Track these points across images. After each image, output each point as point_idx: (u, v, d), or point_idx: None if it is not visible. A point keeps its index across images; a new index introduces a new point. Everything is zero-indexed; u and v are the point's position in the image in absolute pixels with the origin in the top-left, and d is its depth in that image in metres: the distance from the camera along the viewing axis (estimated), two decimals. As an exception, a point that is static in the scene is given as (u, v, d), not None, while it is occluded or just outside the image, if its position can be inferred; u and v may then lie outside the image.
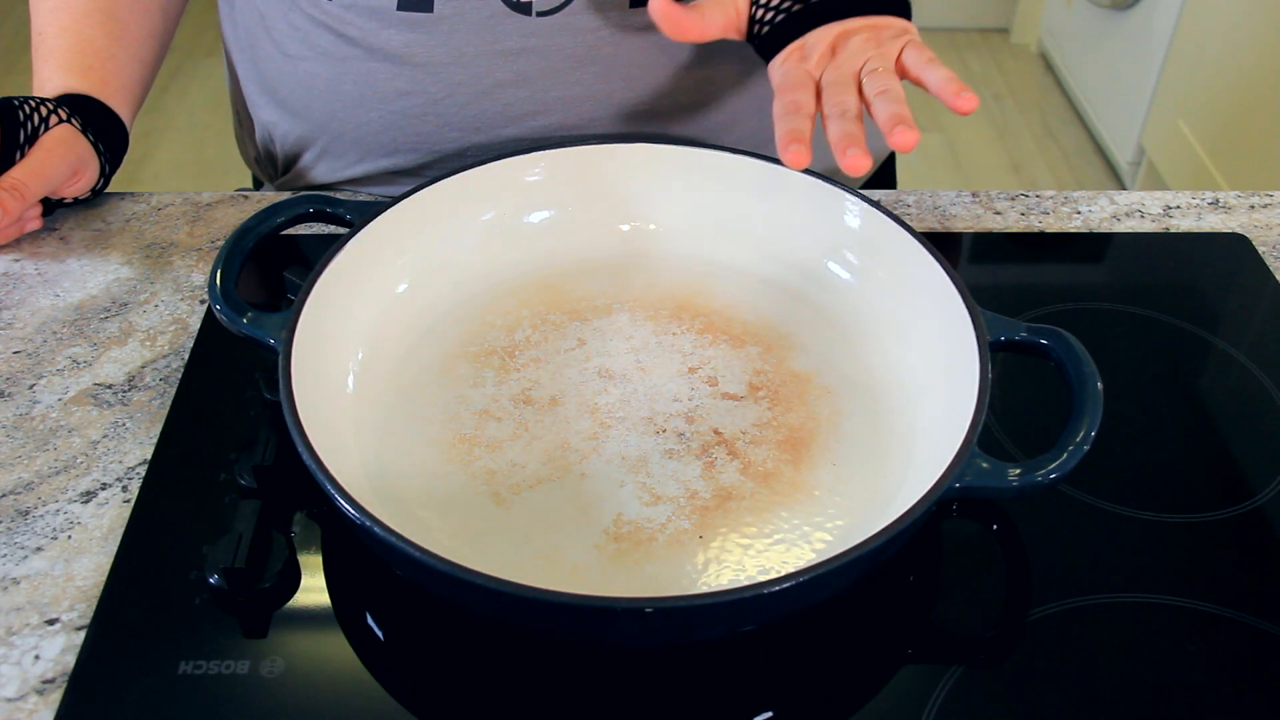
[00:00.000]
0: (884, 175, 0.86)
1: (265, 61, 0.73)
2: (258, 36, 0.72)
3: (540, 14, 0.65)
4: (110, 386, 0.58)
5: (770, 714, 0.45)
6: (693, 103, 0.70)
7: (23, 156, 0.63)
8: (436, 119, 0.69)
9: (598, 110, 0.69)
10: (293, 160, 0.76)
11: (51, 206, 0.67)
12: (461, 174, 0.59)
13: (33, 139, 0.64)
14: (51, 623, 0.47)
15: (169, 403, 0.57)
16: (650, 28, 0.67)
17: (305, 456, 0.44)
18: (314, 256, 0.53)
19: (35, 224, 0.67)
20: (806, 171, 0.60)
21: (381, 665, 0.46)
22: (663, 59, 0.68)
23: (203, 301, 0.63)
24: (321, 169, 0.74)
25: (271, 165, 0.78)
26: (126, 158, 0.70)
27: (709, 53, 0.69)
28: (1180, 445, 0.57)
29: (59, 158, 0.64)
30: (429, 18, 0.65)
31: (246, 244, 0.54)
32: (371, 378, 0.54)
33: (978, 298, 0.52)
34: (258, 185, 0.85)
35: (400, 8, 0.65)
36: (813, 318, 0.59)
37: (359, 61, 0.68)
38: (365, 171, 0.73)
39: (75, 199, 0.68)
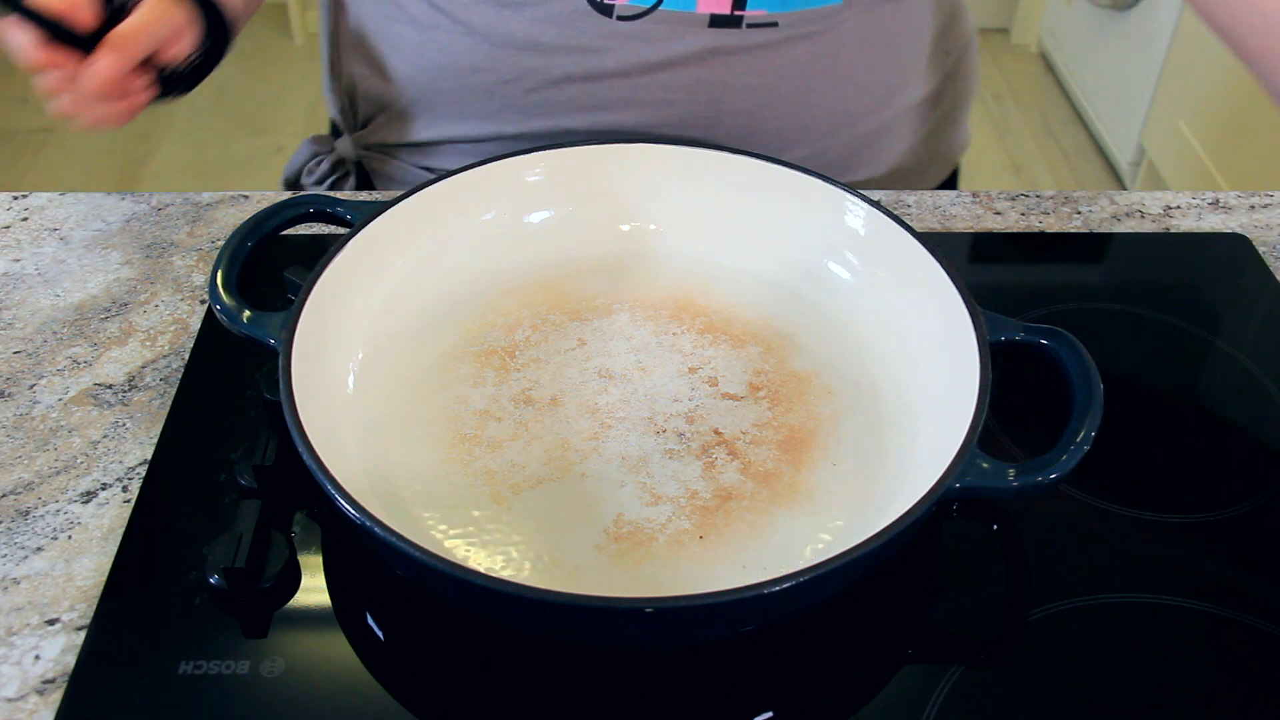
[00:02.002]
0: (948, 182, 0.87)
1: (364, 17, 0.75)
2: None
3: (621, 18, 0.66)
4: (110, 386, 0.58)
5: (770, 714, 0.45)
6: (752, 121, 0.71)
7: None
8: (502, 99, 0.71)
9: (656, 116, 0.70)
10: (370, 117, 0.79)
11: (168, 85, 0.63)
12: (461, 174, 0.59)
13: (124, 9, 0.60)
14: (52, 623, 0.47)
15: (169, 403, 0.56)
16: (723, 49, 0.68)
17: (305, 456, 0.44)
18: (314, 257, 0.53)
19: (145, 96, 0.62)
20: (807, 171, 0.60)
21: (382, 665, 0.46)
22: (729, 77, 0.69)
23: (203, 301, 0.63)
24: (392, 130, 0.77)
25: (353, 117, 0.81)
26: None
27: (774, 70, 0.70)
28: (1180, 445, 0.57)
29: (156, 15, 0.60)
30: (516, 1, 0.67)
31: (247, 244, 0.54)
32: (371, 378, 0.54)
33: (978, 298, 0.52)
34: (335, 134, 0.86)
35: None
36: (813, 318, 0.59)
37: (444, 32, 0.70)
38: (430, 137, 0.76)
39: (181, 76, 0.64)
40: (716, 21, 0.67)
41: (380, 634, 0.47)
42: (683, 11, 0.67)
